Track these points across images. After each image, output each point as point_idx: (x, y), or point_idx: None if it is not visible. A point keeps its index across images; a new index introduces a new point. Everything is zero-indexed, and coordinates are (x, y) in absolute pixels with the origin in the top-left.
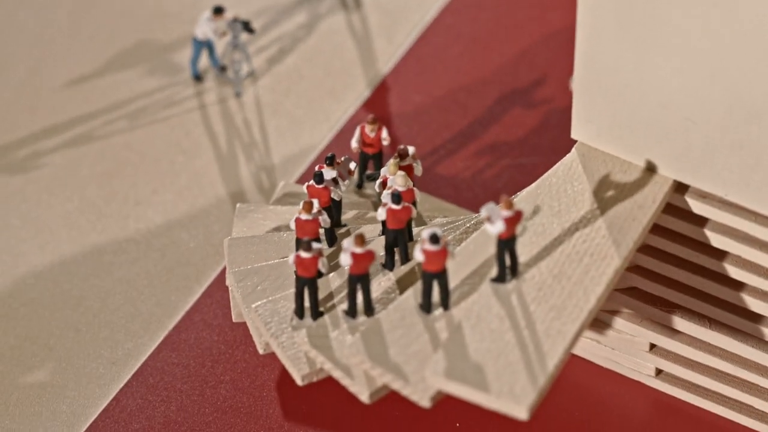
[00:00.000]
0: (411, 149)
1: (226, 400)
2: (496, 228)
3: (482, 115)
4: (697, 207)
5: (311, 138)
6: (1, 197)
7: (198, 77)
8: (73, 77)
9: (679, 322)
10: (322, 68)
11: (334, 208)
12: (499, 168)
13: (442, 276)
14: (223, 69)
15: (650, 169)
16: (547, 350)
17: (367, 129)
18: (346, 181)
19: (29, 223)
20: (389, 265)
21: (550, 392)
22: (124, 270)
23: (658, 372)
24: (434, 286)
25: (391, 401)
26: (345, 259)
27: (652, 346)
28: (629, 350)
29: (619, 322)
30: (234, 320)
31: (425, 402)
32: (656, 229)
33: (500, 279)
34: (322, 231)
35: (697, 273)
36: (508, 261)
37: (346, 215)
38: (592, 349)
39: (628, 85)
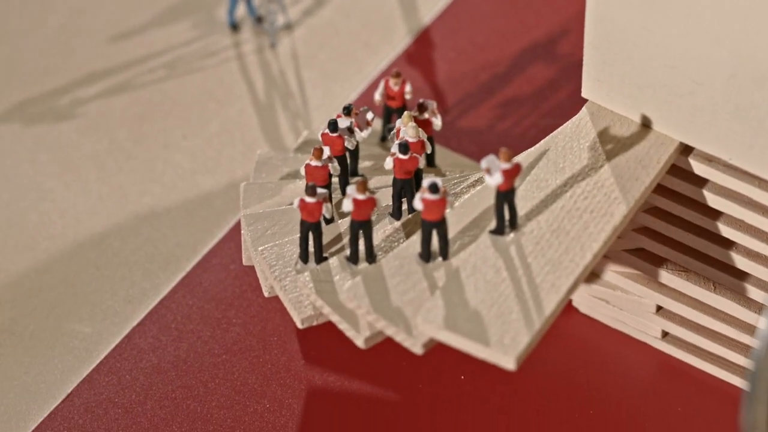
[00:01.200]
0: (432, 104)
1: (236, 343)
2: (495, 180)
3: (513, 75)
4: (702, 170)
5: (342, 90)
6: (32, 135)
7: (234, 26)
8: (112, 26)
9: (685, 285)
10: (359, 22)
11: (350, 157)
12: (524, 127)
13: (441, 225)
14: (259, 19)
15: (657, 130)
16: (540, 303)
17: (391, 82)
18: (364, 132)
19: (58, 161)
20: (396, 214)
21: (556, 349)
22: (147, 211)
23: (664, 334)
24: (433, 235)
25: (398, 351)
26: (347, 205)
27: (659, 308)
28: (636, 311)
29: (626, 283)
30: (244, 263)
31: (417, 349)
32: (664, 191)
33: (499, 231)
34: (337, 181)
35: (702, 236)
36: (507, 214)
37: (364, 165)
38: (600, 308)
39: (637, 46)
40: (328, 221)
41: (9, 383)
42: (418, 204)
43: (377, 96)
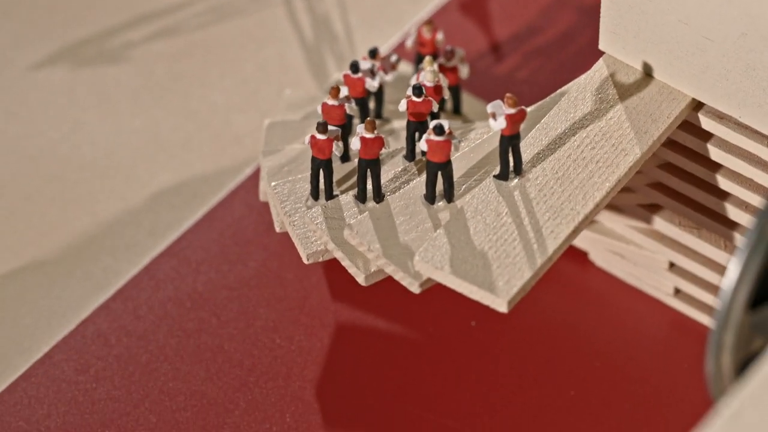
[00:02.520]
0: (460, 52)
1: (252, 278)
2: (499, 124)
3: (543, 26)
4: (713, 127)
5: (379, 37)
6: (71, 69)
7: None
8: None
9: (697, 243)
10: None
11: (375, 101)
12: (550, 77)
13: (446, 167)
14: None
15: (669, 85)
16: (537, 249)
17: (424, 29)
18: (389, 75)
19: (94, 94)
20: (409, 156)
21: (569, 300)
22: (178, 146)
23: (676, 291)
24: (438, 177)
25: (411, 293)
26: (355, 143)
27: (672, 265)
28: (650, 267)
29: (640, 238)
30: (260, 199)
31: (414, 288)
32: (677, 147)
33: (503, 176)
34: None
35: (714, 194)
36: (512, 160)
37: (390, 109)
38: (615, 263)
39: (651, 0)
40: (345, 160)
41: (27, 306)
42: (423, 145)
43: (409, 43)
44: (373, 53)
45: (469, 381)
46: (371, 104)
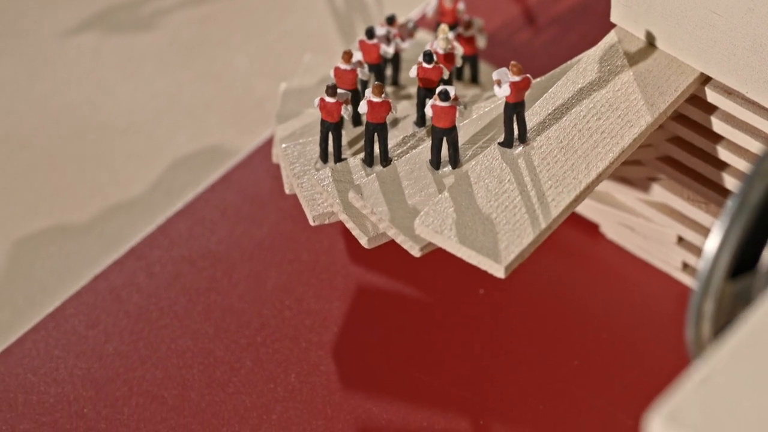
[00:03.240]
0: (478, 22)
1: (265, 240)
2: (503, 91)
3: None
4: (721, 102)
5: (404, 5)
6: (98, 30)
7: None
8: None
9: (705, 217)
10: None
11: (392, 68)
12: (567, 48)
13: (450, 133)
14: None
15: (678, 59)
16: (537, 216)
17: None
18: (405, 43)
19: (119, 55)
20: (419, 121)
21: (579, 272)
22: (198, 109)
23: (684, 266)
24: (444, 143)
25: (422, 259)
26: (362, 107)
27: (680, 239)
28: (659, 241)
29: (649, 212)
30: (273, 161)
31: (415, 252)
32: (686, 121)
33: (507, 143)
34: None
35: (722, 169)
36: (516, 128)
37: (407, 77)
38: (625, 235)
39: None
40: (357, 124)
41: (41, 261)
42: (428, 110)
43: (430, 12)
44: (391, 20)
45: (473, 348)
46: (389, 71)
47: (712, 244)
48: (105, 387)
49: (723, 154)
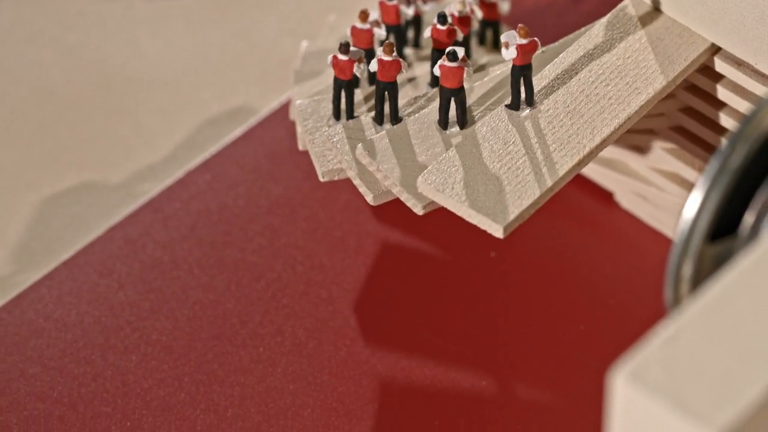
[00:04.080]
0: None
1: (282, 197)
2: (510, 53)
3: None
4: (732, 73)
5: None
6: None
7: None
8: None
9: None
10: None
11: (414, 29)
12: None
13: (458, 93)
14: None
15: (690, 28)
16: (539, 178)
17: None
18: (427, 5)
19: (149, 9)
20: (433, 83)
21: (591, 239)
22: (225, 65)
23: None
24: (452, 103)
25: (434, 221)
26: (373, 66)
27: None
28: (671, 210)
29: (662, 181)
30: (290, 118)
31: (418, 210)
32: (697, 91)
33: (514, 106)
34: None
35: None
36: (524, 91)
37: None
38: (639, 204)
39: None
40: (372, 82)
41: (59, 209)
42: (436, 70)
43: None
44: None
45: (482, 309)
46: (411, 33)
47: (691, 206)
48: (114, 335)
49: (733, 125)
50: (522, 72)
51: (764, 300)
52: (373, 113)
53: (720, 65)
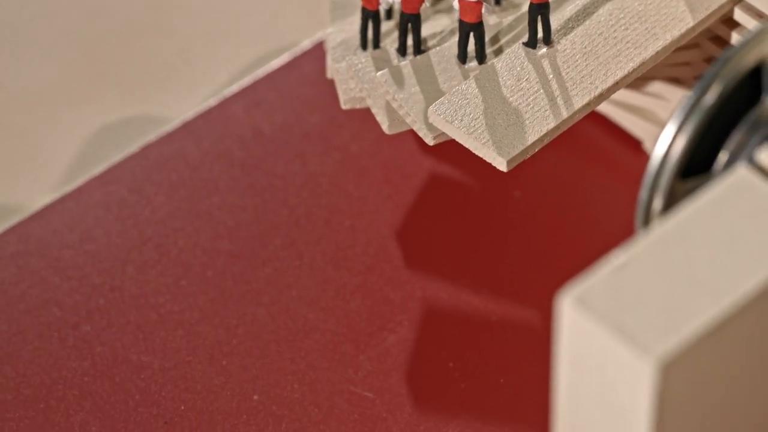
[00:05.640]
0: None
1: (315, 127)
2: None
3: None
4: (751, 25)
5: None
6: None
7: None
8: None
9: None
10: None
11: None
12: None
13: (477, 28)
14: None
15: None
16: (547, 115)
17: None
18: None
19: None
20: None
21: (618, 185)
22: (250, 10)
23: None
24: (470, 38)
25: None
26: None
27: None
28: None
29: None
30: (324, 48)
31: (429, 140)
32: (721, 42)
33: (531, 44)
34: None
35: None
36: (541, 29)
37: None
38: None
39: None
40: (389, 17)
41: (95, 126)
42: (455, 4)
43: None
44: None
45: (501, 246)
46: None
47: (662, 140)
48: (136, 249)
49: None
50: (540, 10)
51: (717, 235)
52: (397, 44)
53: (740, 16)
